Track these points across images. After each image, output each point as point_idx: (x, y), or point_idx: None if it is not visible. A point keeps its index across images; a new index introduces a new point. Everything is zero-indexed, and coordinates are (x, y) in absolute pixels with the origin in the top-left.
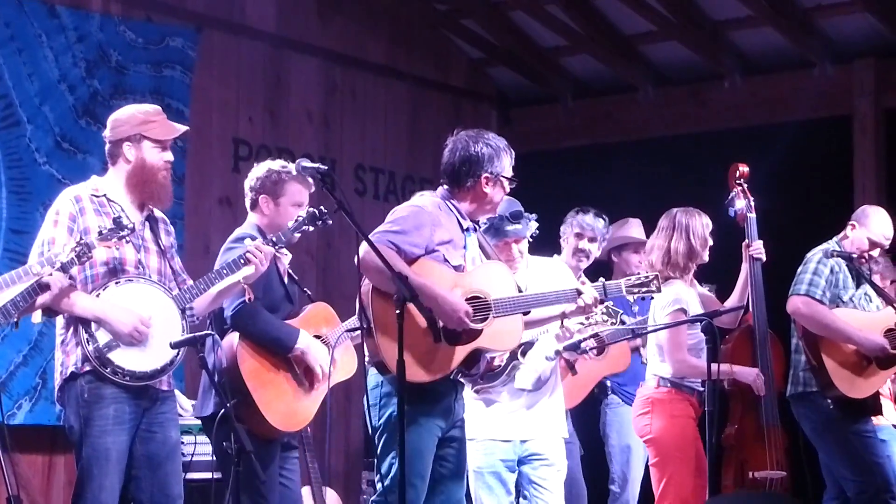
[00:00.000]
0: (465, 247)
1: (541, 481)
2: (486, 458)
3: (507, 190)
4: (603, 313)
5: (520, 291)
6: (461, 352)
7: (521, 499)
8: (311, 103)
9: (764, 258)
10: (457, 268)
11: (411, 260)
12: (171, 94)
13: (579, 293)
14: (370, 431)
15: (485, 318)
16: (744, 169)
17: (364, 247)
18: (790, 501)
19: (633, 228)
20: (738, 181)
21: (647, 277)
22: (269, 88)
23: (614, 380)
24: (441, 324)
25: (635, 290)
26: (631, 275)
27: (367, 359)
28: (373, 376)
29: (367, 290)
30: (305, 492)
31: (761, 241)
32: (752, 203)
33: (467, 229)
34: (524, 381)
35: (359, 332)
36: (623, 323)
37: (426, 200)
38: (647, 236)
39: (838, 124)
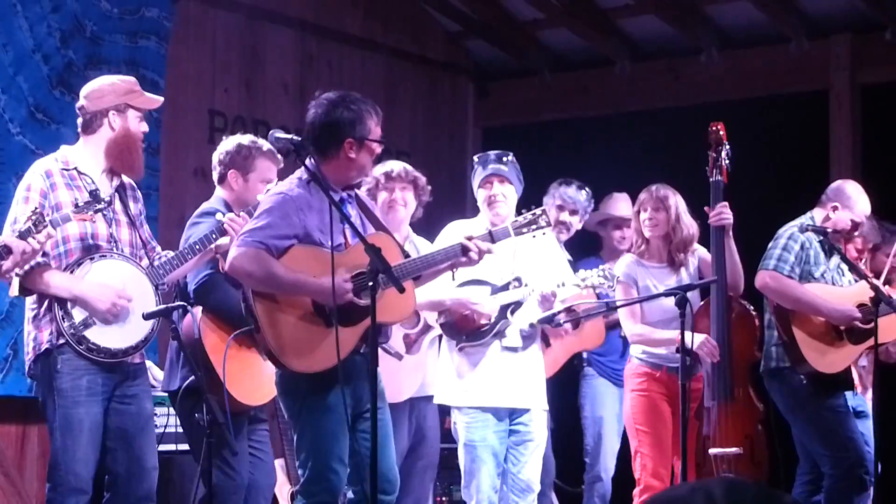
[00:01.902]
0: (341, 221)
1: (520, 455)
2: (481, 431)
3: (377, 151)
4: (599, 276)
5: (406, 257)
6: (357, 331)
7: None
8: (287, 75)
9: (725, 223)
10: (337, 247)
11: (284, 250)
12: (146, 65)
13: (466, 249)
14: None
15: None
16: (714, 128)
17: (232, 252)
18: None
19: (618, 204)
20: (710, 142)
21: (534, 214)
22: (244, 60)
23: (592, 352)
24: (329, 309)
25: (524, 229)
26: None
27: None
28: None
29: (247, 291)
30: (279, 464)
31: (724, 204)
32: (724, 166)
33: (341, 201)
34: (515, 340)
35: None
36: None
37: (292, 183)
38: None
39: (815, 99)
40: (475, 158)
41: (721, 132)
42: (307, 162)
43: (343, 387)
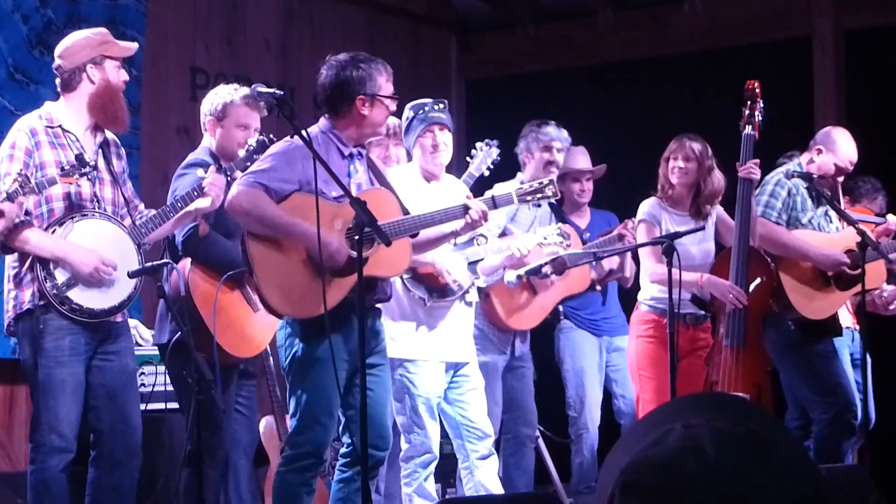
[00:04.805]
0: (349, 174)
1: (468, 404)
2: (438, 384)
3: (391, 108)
4: (557, 234)
5: (406, 214)
6: (347, 283)
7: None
8: (269, 31)
9: (753, 177)
10: (338, 198)
11: (284, 196)
12: (126, 23)
13: (467, 209)
14: (283, 371)
15: (370, 246)
16: (751, 86)
17: (232, 191)
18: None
19: (578, 157)
20: (745, 98)
21: (541, 183)
22: (225, 16)
23: (567, 304)
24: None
25: (528, 197)
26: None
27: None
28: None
29: (245, 232)
30: (269, 420)
31: (756, 161)
32: (756, 122)
33: (350, 156)
34: (475, 295)
35: None
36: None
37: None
38: (594, 164)
39: (798, 45)
40: (409, 109)
41: (757, 90)
42: (321, 121)
43: (333, 336)
